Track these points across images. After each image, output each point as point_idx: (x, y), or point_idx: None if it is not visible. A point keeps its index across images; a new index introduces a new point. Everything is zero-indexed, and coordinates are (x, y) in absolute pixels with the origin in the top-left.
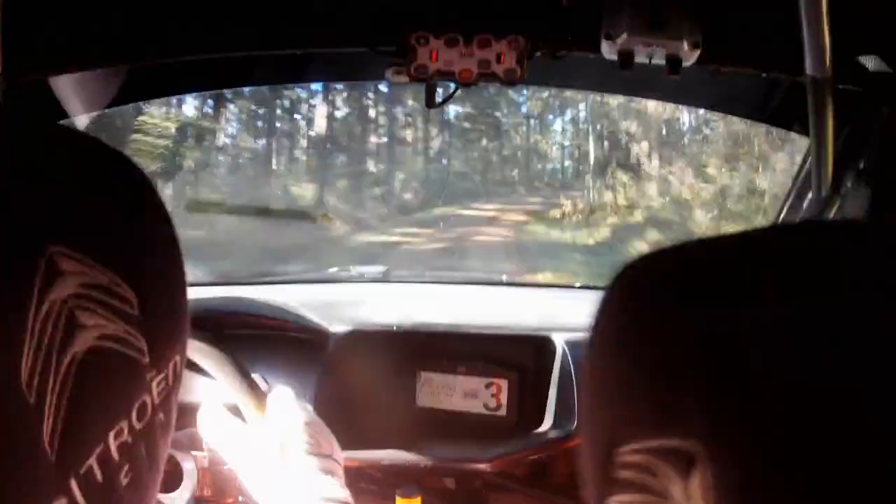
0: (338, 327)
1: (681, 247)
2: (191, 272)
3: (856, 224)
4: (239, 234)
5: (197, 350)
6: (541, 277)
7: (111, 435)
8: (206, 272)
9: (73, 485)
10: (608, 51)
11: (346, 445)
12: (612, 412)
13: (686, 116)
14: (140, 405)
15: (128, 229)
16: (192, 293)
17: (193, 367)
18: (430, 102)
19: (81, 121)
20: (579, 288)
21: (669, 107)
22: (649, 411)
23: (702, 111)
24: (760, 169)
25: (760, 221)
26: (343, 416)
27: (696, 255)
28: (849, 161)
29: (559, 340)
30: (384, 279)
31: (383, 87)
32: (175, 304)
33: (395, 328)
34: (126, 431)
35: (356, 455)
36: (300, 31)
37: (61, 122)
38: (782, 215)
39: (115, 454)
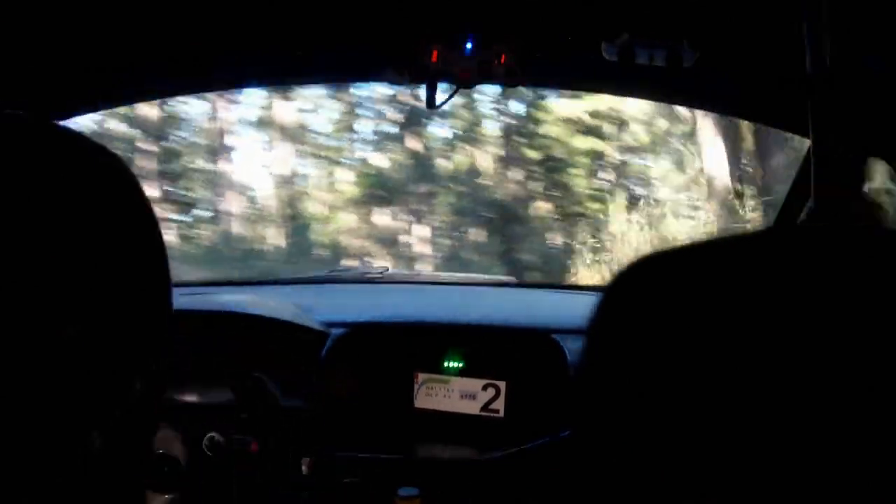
0: (336, 328)
1: (680, 249)
2: (191, 272)
3: (855, 228)
4: None
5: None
6: None
7: (95, 429)
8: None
9: (58, 477)
10: (608, 51)
11: (344, 446)
12: (607, 413)
13: None
14: (123, 400)
15: (114, 229)
16: (193, 293)
17: (185, 363)
18: (430, 103)
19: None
20: (578, 289)
21: None
22: (643, 412)
23: None
24: None
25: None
26: (341, 417)
27: (695, 257)
28: (849, 162)
29: (558, 341)
30: (383, 279)
31: None
32: (159, 303)
33: (393, 328)
34: (109, 425)
35: (355, 455)
36: (300, 32)
37: (58, 122)
38: (782, 218)
39: (98, 447)
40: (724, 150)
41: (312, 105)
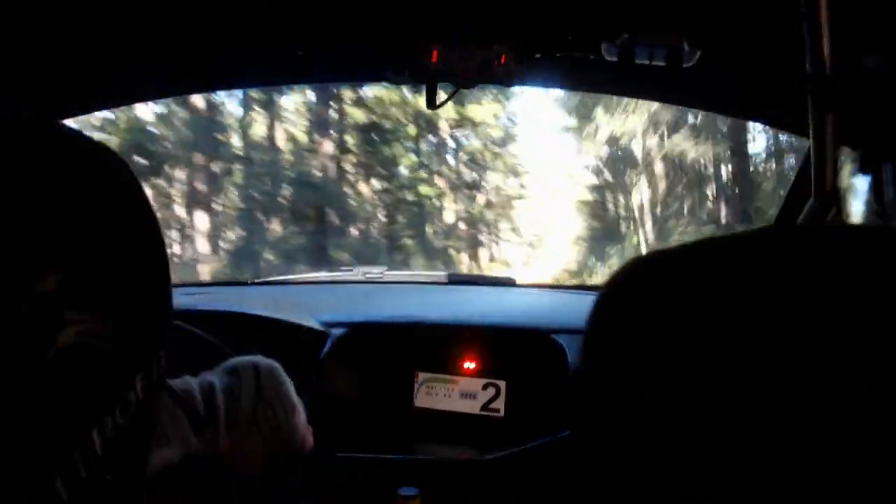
0: (336, 328)
1: (677, 249)
2: (191, 272)
3: (854, 227)
4: None
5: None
6: None
7: (94, 431)
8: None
9: (58, 481)
10: (608, 51)
11: (344, 446)
12: (606, 413)
13: None
14: (123, 402)
15: (114, 228)
16: (193, 293)
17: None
18: (430, 103)
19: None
20: (579, 289)
21: None
22: (643, 412)
23: None
24: None
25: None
26: (341, 417)
27: (692, 257)
28: (849, 162)
29: (558, 341)
30: (383, 279)
31: None
32: (159, 302)
33: (393, 328)
34: (109, 427)
35: (355, 455)
36: (301, 32)
37: (59, 122)
38: (782, 218)
39: (98, 450)
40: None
41: None
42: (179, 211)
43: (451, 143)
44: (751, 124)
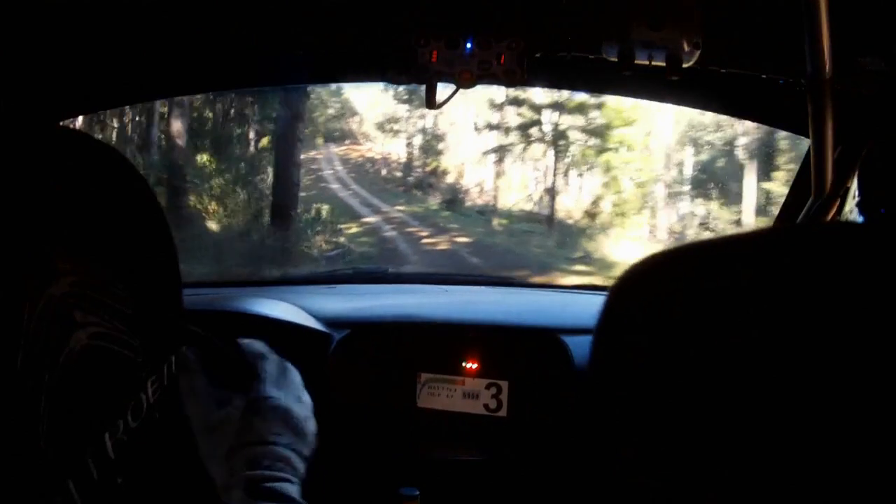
0: (339, 328)
1: (684, 249)
2: (192, 272)
3: (854, 226)
4: None
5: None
6: None
7: (106, 434)
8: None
9: (70, 483)
10: (608, 51)
11: (347, 446)
12: (615, 414)
13: None
14: (135, 404)
15: (124, 230)
16: (194, 293)
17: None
18: (430, 103)
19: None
20: (583, 289)
21: None
22: (652, 413)
23: None
24: None
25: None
26: (344, 417)
27: (699, 257)
28: (849, 162)
29: (561, 341)
30: (386, 278)
31: None
32: (170, 304)
33: (396, 328)
34: (121, 430)
35: (357, 455)
36: (301, 33)
37: (61, 122)
38: (783, 217)
39: (110, 453)
40: None
41: None
42: None
43: None
44: None
